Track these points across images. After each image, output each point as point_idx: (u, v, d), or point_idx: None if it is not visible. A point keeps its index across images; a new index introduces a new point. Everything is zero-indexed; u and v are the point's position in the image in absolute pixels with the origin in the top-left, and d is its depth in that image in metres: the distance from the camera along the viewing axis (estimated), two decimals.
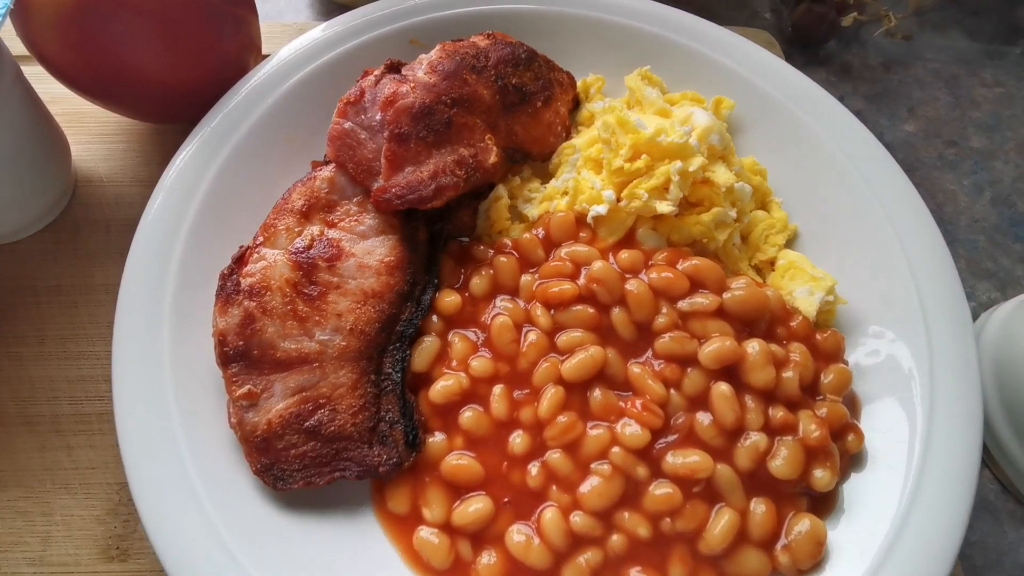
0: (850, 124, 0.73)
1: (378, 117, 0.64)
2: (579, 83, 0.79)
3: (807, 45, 0.98)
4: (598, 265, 0.63)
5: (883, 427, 0.61)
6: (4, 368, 0.69)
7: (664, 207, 0.64)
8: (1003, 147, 0.90)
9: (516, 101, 0.69)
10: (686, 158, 0.65)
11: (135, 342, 0.60)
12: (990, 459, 0.71)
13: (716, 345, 0.60)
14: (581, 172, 0.69)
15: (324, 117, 0.71)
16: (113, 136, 0.83)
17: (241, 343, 0.59)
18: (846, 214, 0.70)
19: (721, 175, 0.67)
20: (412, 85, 0.64)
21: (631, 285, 0.62)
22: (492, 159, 0.66)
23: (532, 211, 0.70)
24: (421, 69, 0.67)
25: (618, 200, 0.66)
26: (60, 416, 0.68)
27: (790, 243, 0.72)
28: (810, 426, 0.59)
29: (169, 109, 0.75)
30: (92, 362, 0.70)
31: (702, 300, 0.62)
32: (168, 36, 0.67)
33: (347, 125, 0.65)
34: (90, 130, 0.82)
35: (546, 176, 0.74)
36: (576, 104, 0.78)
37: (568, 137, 0.74)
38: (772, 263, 0.70)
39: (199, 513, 0.55)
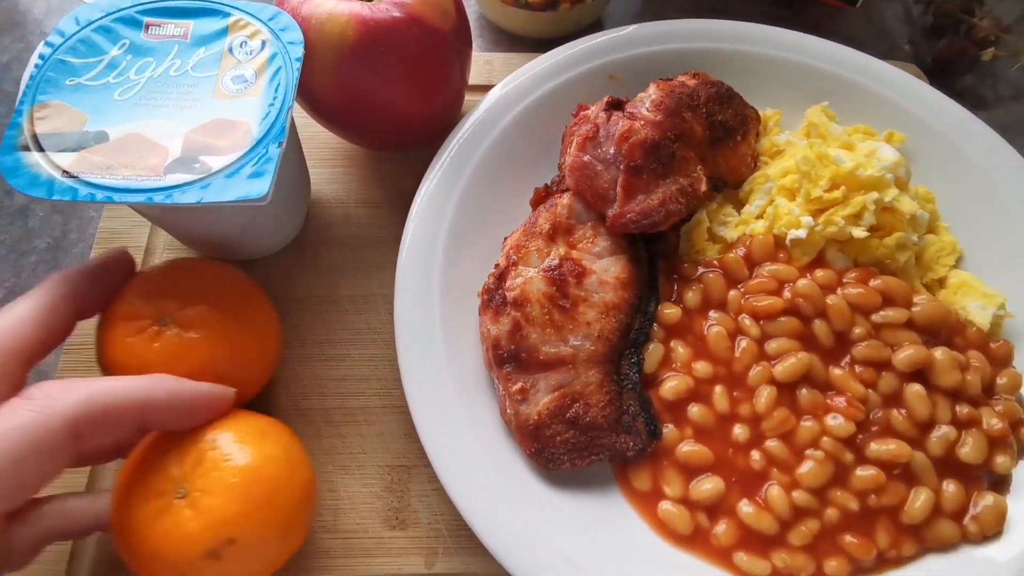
0: (1003, 150, 0.87)
1: (612, 151, 0.78)
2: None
3: (945, 77, 1.12)
4: (803, 282, 0.77)
5: None
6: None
7: (858, 232, 0.79)
8: None
9: (721, 136, 0.84)
10: (882, 189, 0.79)
11: (416, 350, 0.75)
12: None
13: (910, 351, 0.74)
14: (776, 199, 0.84)
15: (540, 145, 0.88)
16: (333, 161, 0.97)
17: (512, 347, 0.74)
18: (1007, 235, 0.84)
19: (905, 204, 0.81)
20: (642, 122, 0.79)
21: (832, 299, 0.77)
22: (703, 187, 0.80)
23: (728, 233, 0.84)
24: (645, 107, 0.80)
25: (815, 225, 0.81)
26: (329, 409, 0.81)
27: (957, 263, 0.86)
28: (992, 420, 0.73)
29: (399, 136, 0.89)
30: (349, 364, 0.84)
31: (893, 313, 0.77)
32: (418, 72, 0.80)
33: (586, 158, 0.79)
34: (312, 155, 0.95)
35: (736, 202, 0.87)
36: (758, 136, 0.92)
37: (756, 167, 0.89)
38: (942, 281, 0.84)
39: (493, 488, 0.71)
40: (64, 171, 0.60)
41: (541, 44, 0.99)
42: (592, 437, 0.73)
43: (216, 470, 0.58)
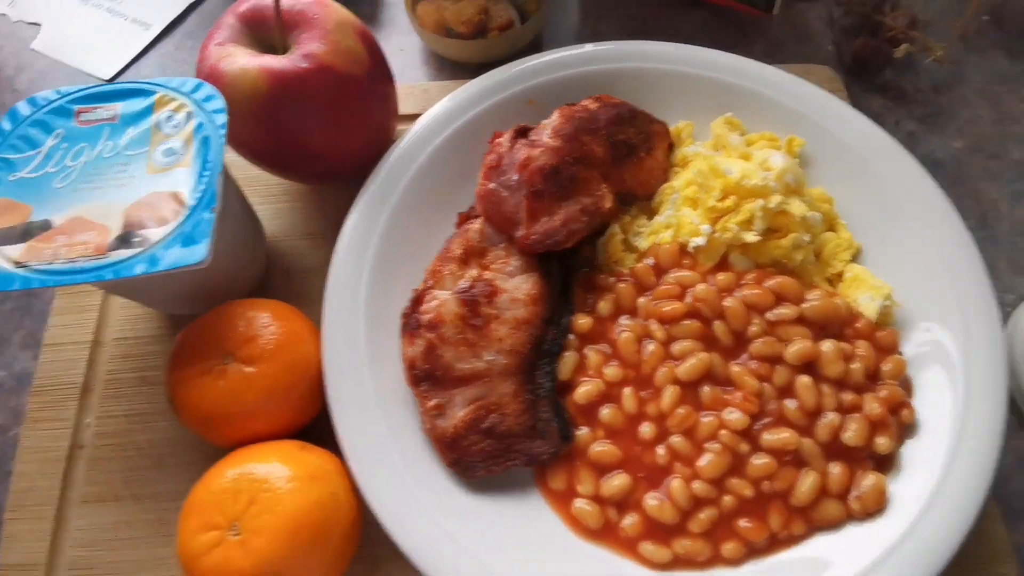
0: (897, 153, 0.93)
1: (515, 178, 0.85)
2: (672, 129, 1.00)
3: (865, 75, 1.18)
4: (701, 287, 0.84)
5: (930, 403, 0.81)
6: None
7: (750, 237, 0.86)
8: None
9: (624, 154, 0.91)
10: (766, 196, 0.87)
11: (343, 369, 0.82)
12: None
13: (799, 346, 0.82)
14: (681, 209, 0.91)
15: (463, 171, 0.95)
16: (278, 197, 1.04)
17: (427, 366, 0.81)
18: (898, 232, 0.90)
19: (796, 207, 0.88)
20: (541, 149, 0.86)
21: (728, 302, 0.84)
22: (608, 204, 0.88)
23: (642, 243, 0.91)
24: (546, 134, 0.87)
25: (713, 232, 0.88)
26: None
27: (856, 258, 0.93)
28: (872, 405, 0.80)
29: (331, 172, 0.96)
30: None
31: (785, 310, 0.85)
32: (333, 115, 0.87)
33: (491, 186, 0.86)
34: (258, 192, 1.03)
35: (651, 213, 0.94)
36: (670, 148, 0.99)
37: (667, 178, 0.96)
38: (841, 275, 0.92)
39: (413, 498, 0.78)
40: (16, 262, 0.65)
41: (483, 68, 1.05)
42: (508, 444, 0.80)
43: (268, 512, 0.65)
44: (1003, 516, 0.84)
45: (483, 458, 0.80)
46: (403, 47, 1.25)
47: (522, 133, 0.88)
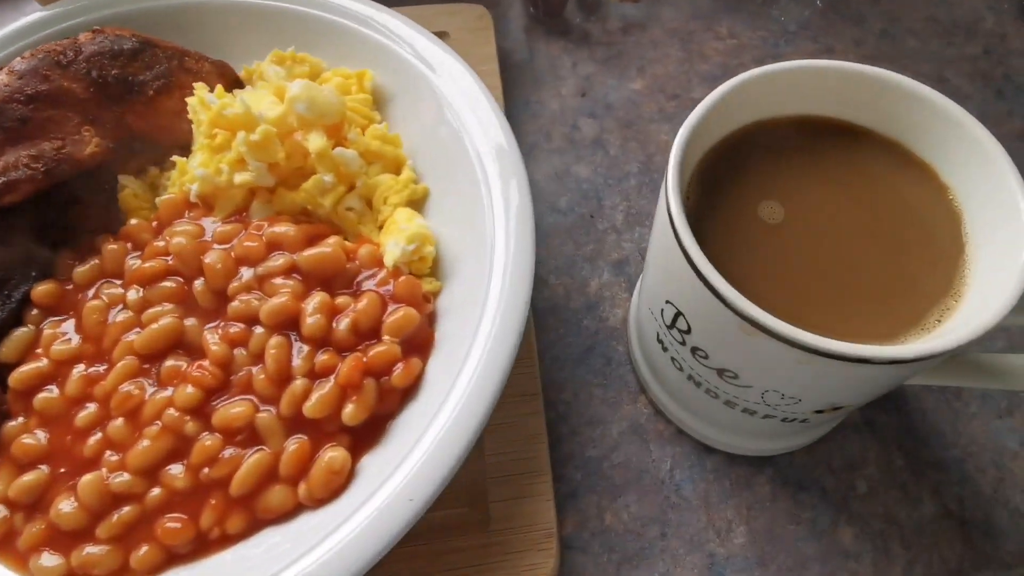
0: (476, 95, 0.78)
1: None
2: (243, 72, 0.85)
3: (552, 17, 1.04)
4: (176, 240, 0.69)
5: (442, 361, 0.66)
6: None
7: (242, 177, 0.70)
8: None
9: (122, 92, 0.76)
10: (251, 128, 0.71)
11: None
12: (642, 390, 0.75)
13: (272, 302, 0.65)
14: (198, 154, 0.75)
15: None
16: None
17: None
18: (461, 176, 0.75)
19: (313, 142, 0.72)
20: None
21: (208, 256, 0.68)
22: (89, 150, 0.72)
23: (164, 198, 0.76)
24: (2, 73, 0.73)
25: (208, 175, 0.72)
26: None
27: (420, 203, 0.77)
28: (344, 367, 0.63)
29: None
30: None
31: (272, 263, 0.68)
32: None
33: None
34: None
35: None
36: (229, 89, 0.83)
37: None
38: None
39: None
40: None
41: None
42: None
43: None
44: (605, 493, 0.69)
45: None
46: None
47: None
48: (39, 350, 0.69)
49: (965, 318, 0.49)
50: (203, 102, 0.72)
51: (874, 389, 0.56)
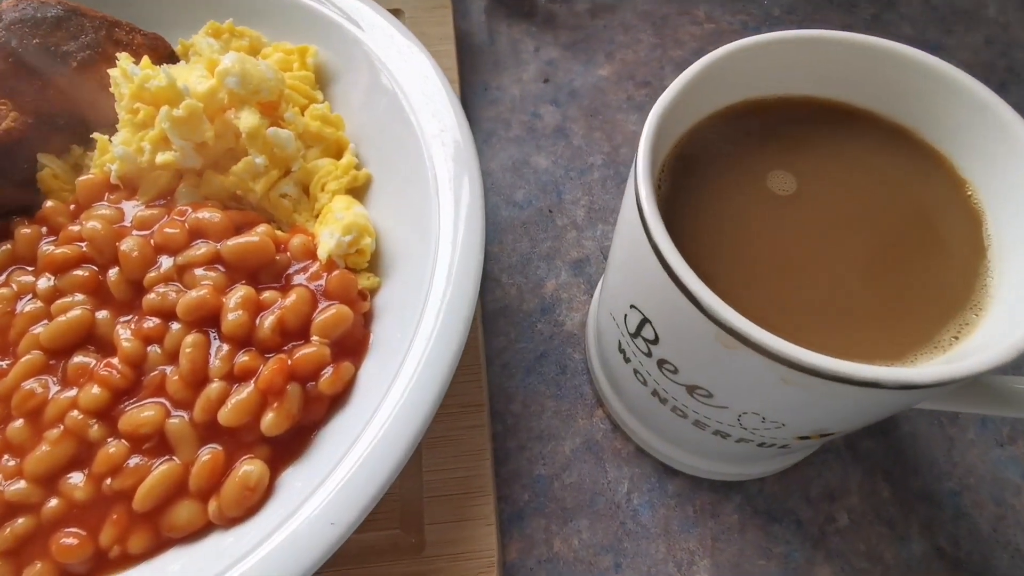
0: (430, 77, 0.73)
1: None
2: (180, 46, 0.79)
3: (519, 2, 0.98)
4: (90, 225, 0.63)
5: (376, 365, 0.60)
6: None
7: (164, 157, 0.65)
8: None
9: (43, 63, 0.70)
10: (175, 103, 0.65)
11: None
12: (599, 404, 0.70)
13: (190, 295, 0.60)
14: (122, 131, 0.70)
15: None
16: None
17: None
18: (408, 164, 0.69)
19: (244, 120, 0.66)
20: None
21: (124, 243, 0.62)
22: (4, 125, 0.67)
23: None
24: None
25: (129, 155, 0.66)
26: None
27: (362, 192, 0.71)
28: (266, 371, 0.58)
29: None
30: None
31: (194, 252, 0.62)
32: None
33: None
34: None
35: None
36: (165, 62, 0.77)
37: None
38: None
39: None
40: None
41: None
42: None
43: None
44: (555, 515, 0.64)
45: None
46: None
47: None
48: None
49: (988, 335, 0.42)
50: (125, 74, 0.66)
51: (873, 415, 0.49)
